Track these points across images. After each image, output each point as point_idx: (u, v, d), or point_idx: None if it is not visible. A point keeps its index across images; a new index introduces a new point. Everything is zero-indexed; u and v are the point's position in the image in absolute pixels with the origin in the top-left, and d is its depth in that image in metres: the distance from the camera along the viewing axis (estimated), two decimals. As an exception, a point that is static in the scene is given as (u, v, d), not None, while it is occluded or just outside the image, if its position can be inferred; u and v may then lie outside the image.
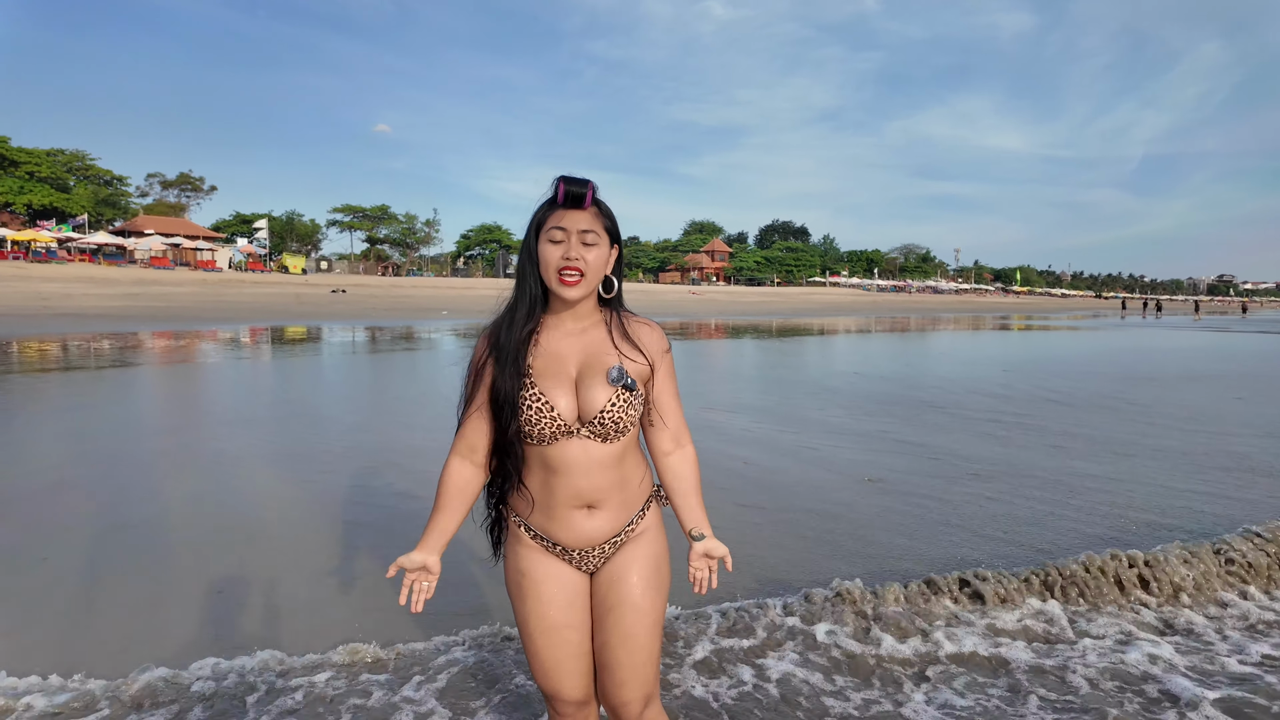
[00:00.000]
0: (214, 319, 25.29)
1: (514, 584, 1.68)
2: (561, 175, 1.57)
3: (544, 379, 1.58)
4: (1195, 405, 9.41)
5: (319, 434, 7.00)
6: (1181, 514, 4.77)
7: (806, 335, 25.77)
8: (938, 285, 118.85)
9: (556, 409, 1.56)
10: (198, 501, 4.76)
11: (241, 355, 14.98)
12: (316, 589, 3.48)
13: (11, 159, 56.12)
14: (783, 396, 10.22)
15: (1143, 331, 32.35)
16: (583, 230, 1.56)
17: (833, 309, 56.22)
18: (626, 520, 1.66)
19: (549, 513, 1.62)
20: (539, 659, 1.64)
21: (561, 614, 1.64)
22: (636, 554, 1.66)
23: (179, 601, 3.32)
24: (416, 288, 51.77)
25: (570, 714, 1.69)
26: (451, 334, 22.20)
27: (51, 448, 6.21)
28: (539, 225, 1.59)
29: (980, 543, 4.23)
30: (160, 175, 78.70)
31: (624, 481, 1.64)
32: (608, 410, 1.57)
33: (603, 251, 1.59)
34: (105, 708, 2.48)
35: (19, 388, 9.65)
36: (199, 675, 2.67)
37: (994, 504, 4.98)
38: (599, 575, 1.68)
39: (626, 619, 1.62)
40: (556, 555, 1.66)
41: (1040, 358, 17.48)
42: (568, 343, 1.63)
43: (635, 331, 1.67)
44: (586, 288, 1.58)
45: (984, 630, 3.09)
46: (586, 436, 1.59)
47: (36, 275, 35.15)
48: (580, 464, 1.58)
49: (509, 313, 1.64)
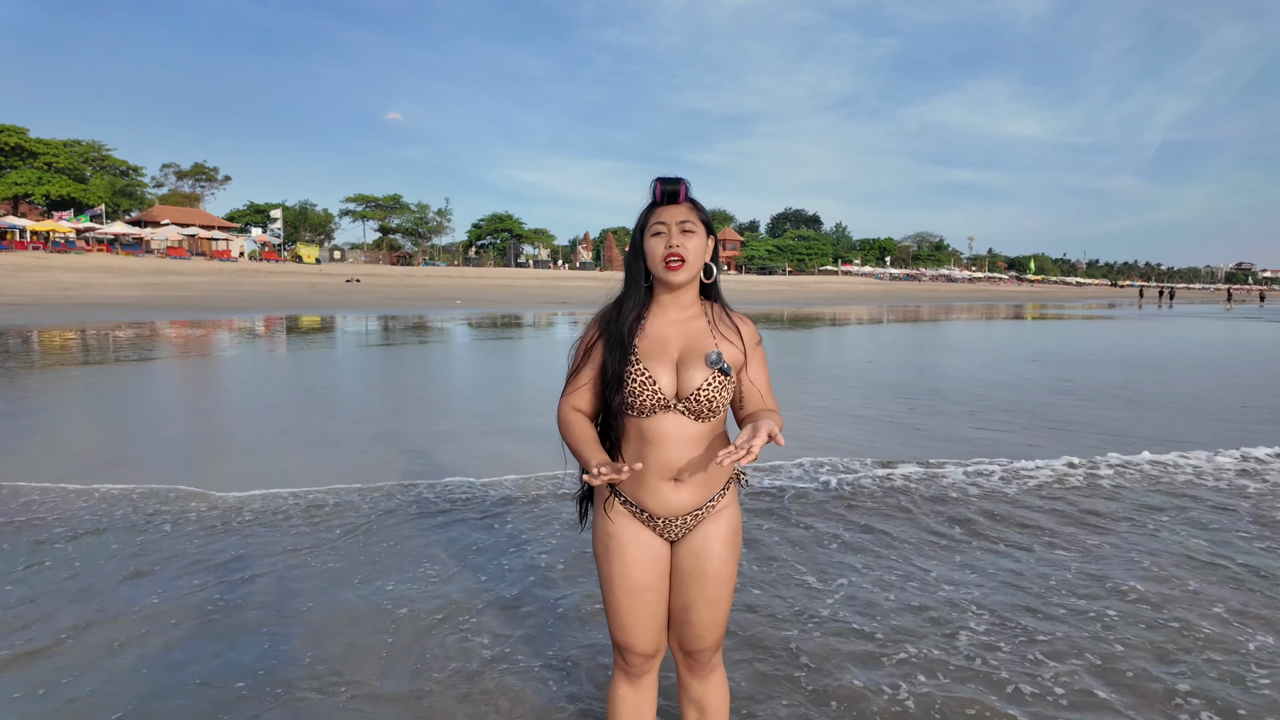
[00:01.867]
0: (233, 308, 25.66)
1: (602, 545, 1.85)
2: (657, 177, 1.77)
3: (648, 357, 1.76)
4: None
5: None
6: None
7: (816, 325, 25.86)
8: (951, 274, 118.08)
9: (659, 383, 1.73)
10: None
11: (291, 345, 15.28)
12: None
13: (30, 150, 56.77)
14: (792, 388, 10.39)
15: (1177, 323, 32.08)
16: (680, 221, 1.75)
17: (844, 298, 56.15)
18: (709, 496, 1.81)
19: (641, 482, 1.79)
20: (619, 615, 1.84)
21: (644, 576, 1.82)
22: (718, 528, 1.83)
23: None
24: (429, 277, 52.10)
25: (638, 664, 1.89)
26: (466, 323, 22.45)
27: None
28: (643, 225, 1.79)
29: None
30: (175, 165, 79.34)
31: (710, 459, 1.79)
32: (703, 389, 1.73)
33: (700, 240, 1.77)
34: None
35: (98, 377, 9.96)
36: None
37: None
38: (681, 544, 1.85)
39: (710, 587, 1.83)
40: (643, 522, 1.82)
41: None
42: (671, 329, 1.80)
43: (732, 323, 1.85)
44: (689, 272, 1.76)
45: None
46: (681, 412, 1.75)
47: (57, 265, 35.66)
48: (673, 437, 1.75)
49: (618, 303, 1.82)
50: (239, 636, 2.95)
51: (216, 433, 6.76)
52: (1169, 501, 4.90)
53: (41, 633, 2.95)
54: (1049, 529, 4.34)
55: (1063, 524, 4.43)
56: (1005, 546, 4.05)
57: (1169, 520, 4.52)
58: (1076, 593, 3.45)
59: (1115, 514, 4.62)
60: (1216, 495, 5.06)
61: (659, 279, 1.79)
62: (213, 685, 2.61)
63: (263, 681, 2.63)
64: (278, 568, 3.63)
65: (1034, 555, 3.93)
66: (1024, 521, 4.47)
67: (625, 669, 1.92)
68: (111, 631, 2.97)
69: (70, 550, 3.81)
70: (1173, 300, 66.60)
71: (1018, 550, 4.00)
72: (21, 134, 56.57)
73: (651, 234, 1.76)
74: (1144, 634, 3.06)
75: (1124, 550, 4.00)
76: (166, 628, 3.01)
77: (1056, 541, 4.14)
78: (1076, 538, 4.19)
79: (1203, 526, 4.41)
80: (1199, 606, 3.32)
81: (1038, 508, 4.75)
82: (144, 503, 4.59)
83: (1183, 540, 4.16)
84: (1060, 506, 4.78)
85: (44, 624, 3.02)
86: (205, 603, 3.23)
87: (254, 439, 6.44)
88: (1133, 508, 4.75)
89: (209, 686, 2.60)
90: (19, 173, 55.80)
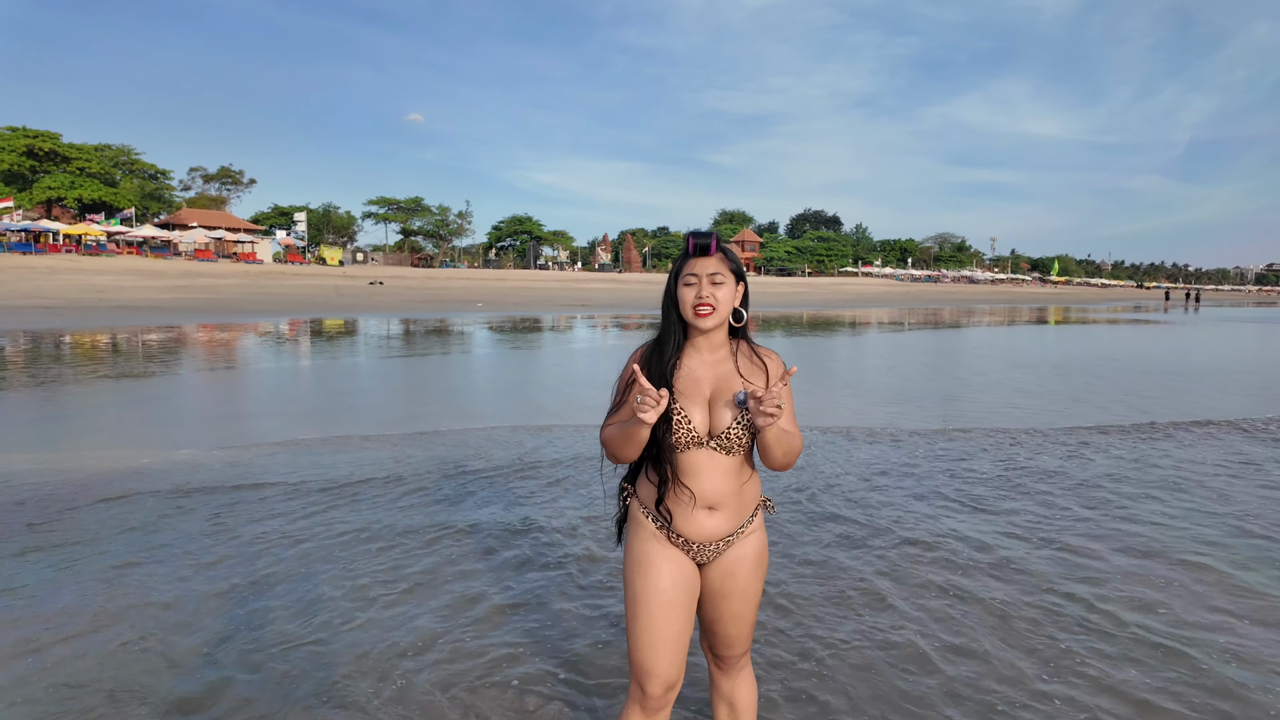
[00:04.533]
0: (261, 311, 26.11)
1: (634, 563, 1.96)
2: (690, 231, 1.90)
3: (683, 397, 1.90)
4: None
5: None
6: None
7: (836, 328, 25.85)
8: (973, 275, 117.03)
9: (693, 422, 1.88)
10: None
11: (338, 349, 15.61)
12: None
13: (63, 155, 58.07)
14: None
15: (1219, 330, 31.57)
16: (711, 273, 1.88)
17: (864, 300, 55.84)
18: (739, 523, 1.97)
19: (678, 510, 1.93)
20: (646, 634, 1.90)
21: (675, 593, 1.93)
22: (746, 551, 1.99)
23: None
24: (451, 279, 52.56)
25: (658, 695, 1.90)
26: (488, 327, 22.71)
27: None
28: (677, 273, 1.92)
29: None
30: (202, 169, 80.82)
31: (740, 489, 1.95)
32: (732, 428, 1.88)
33: (729, 288, 1.91)
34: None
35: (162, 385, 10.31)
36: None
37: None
38: (712, 566, 1.99)
39: (736, 604, 2.00)
40: (678, 546, 1.96)
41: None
42: (704, 370, 1.94)
43: (759, 360, 1.98)
44: (718, 319, 1.90)
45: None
46: (713, 448, 1.90)
47: (89, 268, 36.49)
48: (707, 470, 1.90)
49: (657, 344, 1.96)
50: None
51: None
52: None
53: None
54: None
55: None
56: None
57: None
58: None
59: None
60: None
61: (690, 324, 1.92)
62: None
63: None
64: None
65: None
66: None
67: (641, 702, 1.93)
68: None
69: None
70: (1199, 303, 65.57)
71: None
72: (55, 139, 57.88)
73: (684, 283, 1.90)
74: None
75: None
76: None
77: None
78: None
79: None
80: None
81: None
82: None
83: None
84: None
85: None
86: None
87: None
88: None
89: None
90: (52, 177, 57.15)
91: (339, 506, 4.83)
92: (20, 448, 6.36)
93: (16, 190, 55.92)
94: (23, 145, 56.06)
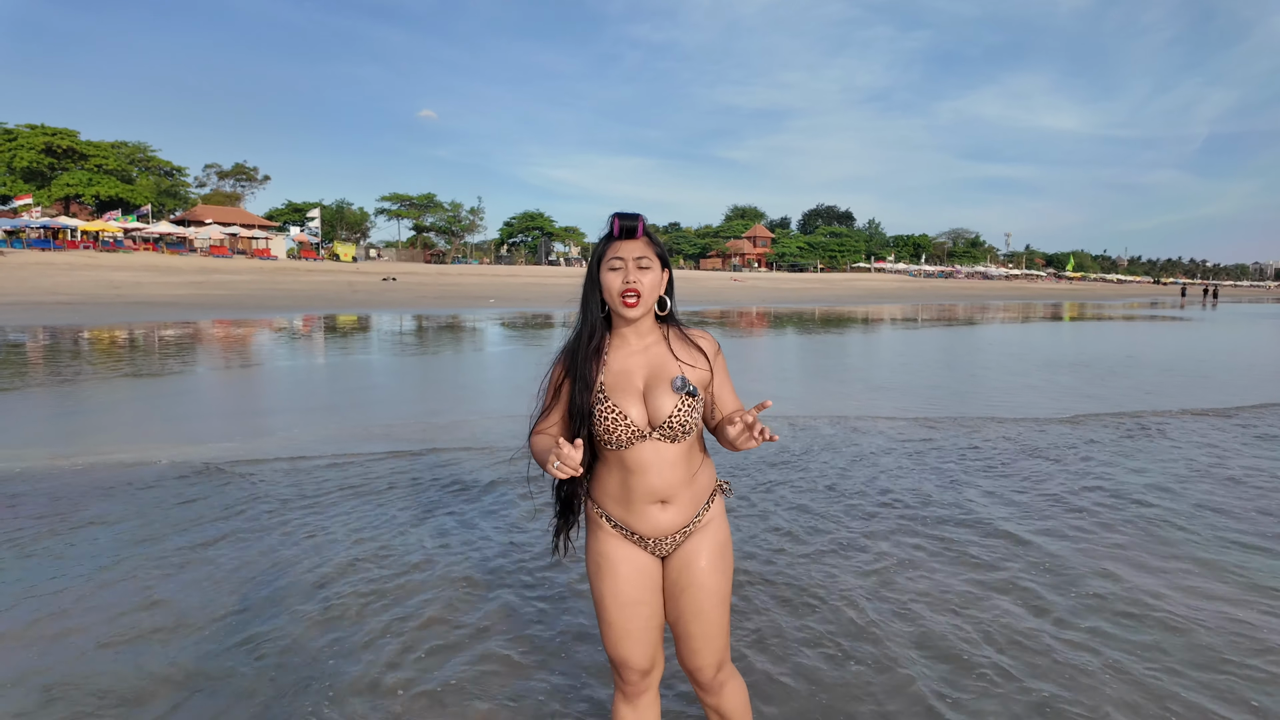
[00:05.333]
0: (277, 307, 26.30)
1: (594, 565, 1.89)
2: (615, 212, 1.80)
3: (615, 393, 1.80)
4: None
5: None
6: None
7: (849, 324, 25.76)
8: (987, 271, 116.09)
9: (629, 417, 1.78)
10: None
11: (366, 346, 15.73)
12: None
13: (81, 152, 58.63)
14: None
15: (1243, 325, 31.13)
16: (637, 257, 1.79)
17: (877, 296, 55.56)
18: (694, 513, 1.87)
19: (628, 507, 1.84)
20: (614, 630, 1.87)
21: (636, 591, 1.86)
22: (704, 542, 1.88)
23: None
24: (463, 275, 52.71)
25: (635, 682, 1.91)
26: (499, 322, 22.79)
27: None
28: (599, 257, 1.82)
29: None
30: (217, 166, 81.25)
31: (692, 477, 1.85)
32: (674, 415, 1.78)
33: (656, 274, 1.81)
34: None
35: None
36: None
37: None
38: (671, 560, 1.90)
39: (697, 598, 1.86)
40: (633, 542, 1.87)
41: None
42: (633, 360, 1.85)
43: (691, 342, 1.89)
44: (644, 307, 1.81)
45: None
46: (658, 439, 1.80)
47: (107, 264, 36.85)
48: (654, 464, 1.80)
49: (576, 337, 1.87)
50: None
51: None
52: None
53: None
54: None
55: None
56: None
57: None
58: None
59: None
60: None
61: (615, 312, 1.83)
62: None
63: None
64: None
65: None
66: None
67: (623, 688, 1.94)
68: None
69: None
70: (1216, 299, 64.81)
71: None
72: (73, 137, 58.42)
73: (609, 268, 1.80)
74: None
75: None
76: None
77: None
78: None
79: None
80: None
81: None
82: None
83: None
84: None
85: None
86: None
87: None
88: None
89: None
90: (70, 174, 57.70)
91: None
92: (66, 442, 6.49)
93: (35, 187, 56.57)
94: (41, 143, 56.66)
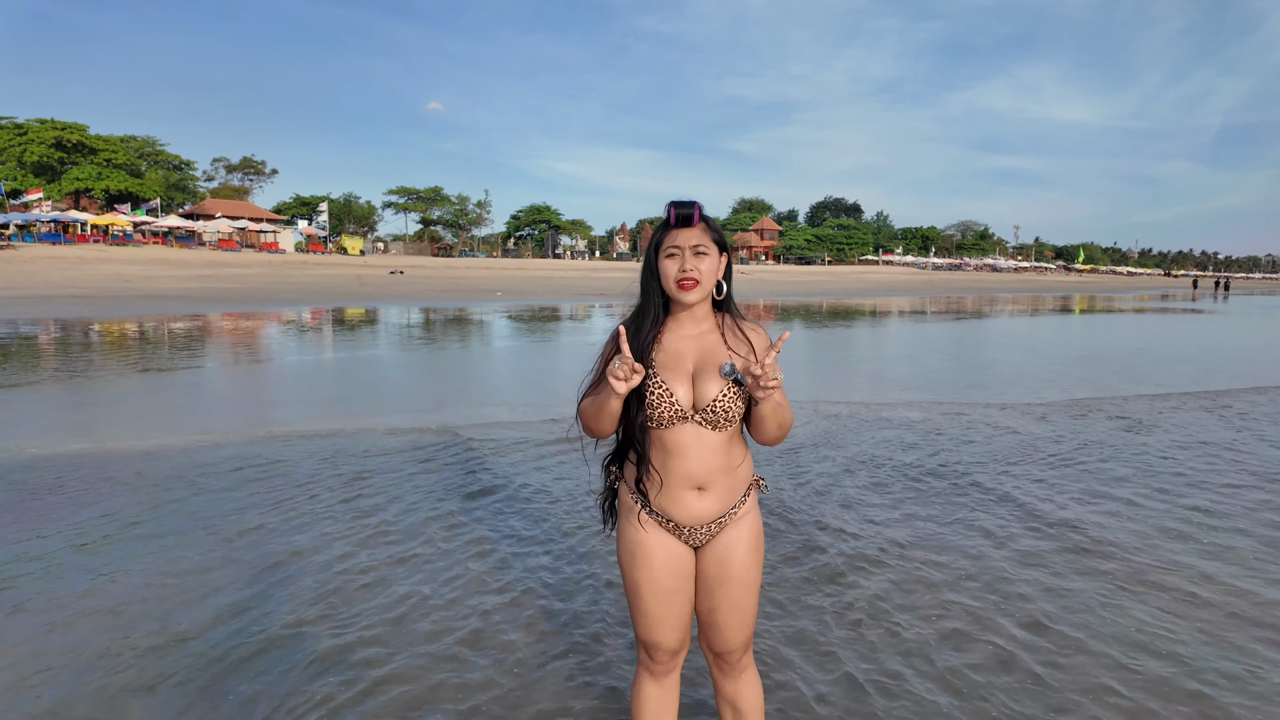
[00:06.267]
0: (285, 300, 26.42)
1: (628, 552, 1.92)
2: (672, 201, 1.82)
3: (665, 370, 1.82)
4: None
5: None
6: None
7: (856, 317, 25.69)
8: (996, 263, 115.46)
9: (675, 395, 1.80)
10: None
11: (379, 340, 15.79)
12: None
13: (91, 146, 58.93)
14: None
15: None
16: (694, 245, 1.80)
17: (884, 288, 55.34)
18: (731, 504, 1.88)
19: (665, 492, 1.85)
20: (648, 616, 1.91)
21: (671, 580, 1.89)
22: (740, 534, 1.90)
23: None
24: (470, 268, 52.80)
25: (664, 661, 1.97)
26: (508, 315, 22.82)
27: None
28: (657, 245, 1.84)
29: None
30: (225, 159, 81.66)
31: (730, 467, 1.86)
32: (719, 400, 1.79)
33: (713, 260, 1.83)
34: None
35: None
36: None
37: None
38: (706, 550, 1.91)
39: (734, 591, 1.90)
40: (668, 530, 1.89)
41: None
42: (686, 344, 1.86)
43: (744, 333, 1.90)
44: (702, 292, 1.83)
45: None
46: (699, 423, 1.81)
47: (116, 258, 37.09)
48: (693, 448, 1.81)
49: (636, 318, 1.89)
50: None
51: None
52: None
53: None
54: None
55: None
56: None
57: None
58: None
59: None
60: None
61: (673, 298, 1.85)
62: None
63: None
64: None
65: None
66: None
67: (650, 667, 1.98)
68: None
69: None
70: (1228, 291, 64.33)
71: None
72: (82, 131, 58.70)
73: (666, 255, 1.82)
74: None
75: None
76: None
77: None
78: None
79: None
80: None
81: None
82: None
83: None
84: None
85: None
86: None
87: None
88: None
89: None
90: (80, 168, 57.99)
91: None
92: (98, 430, 6.55)
93: (46, 181, 56.89)
94: (51, 137, 56.96)
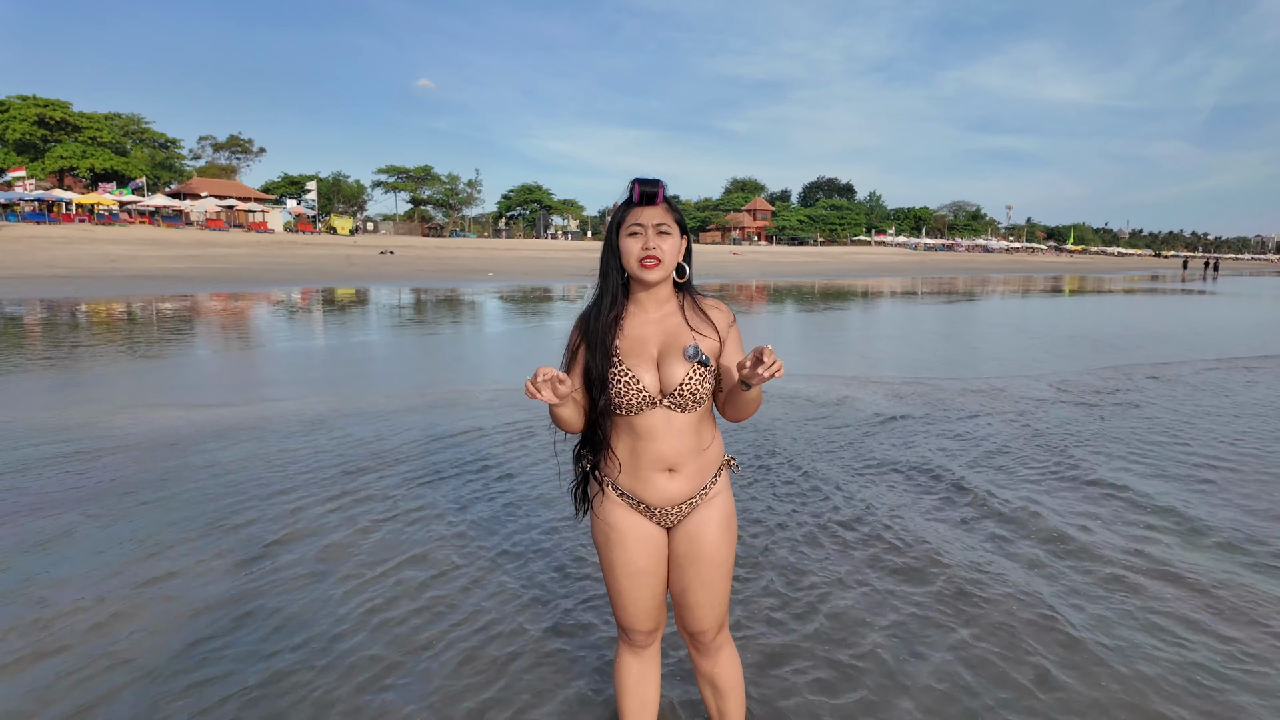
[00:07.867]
0: (274, 280, 26.18)
1: (602, 535, 1.94)
2: (635, 178, 1.79)
3: (629, 358, 1.82)
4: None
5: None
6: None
7: (848, 298, 25.70)
8: (988, 244, 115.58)
9: (642, 382, 1.80)
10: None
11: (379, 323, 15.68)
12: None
13: (74, 124, 57.92)
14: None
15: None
16: (657, 224, 1.78)
17: (876, 269, 55.29)
18: (701, 484, 1.89)
19: (635, 475, 1.86)
20: (623, 598, 1.95)
21: (644, 561, 1.91)
22: (711, 514, 1.91)
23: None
24: (461, 249, 52.51)
25: (641, 641, 2.03)
26: (499, 296, 22.74)
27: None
28: (619, 223, 1.81)
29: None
30: (211, 138, 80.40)
31: (700, 448, 1.87)
32: (685, 383, 1.80)
33: (675, 241, 1.81)
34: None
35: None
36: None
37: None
38: (677, 531, 1.92)
39: (704, 570, 1.91)
40: (640, 512, 1.91)
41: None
42: (649, 328, 1.86)
43: (705, 312, 1.89)
44: (664, 271, 1.80)
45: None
46: (668, 407, 1.82)
47: (102, 238, 36.62)
48: (662, 431, 1.83)
49: (596, 302, 1.88)
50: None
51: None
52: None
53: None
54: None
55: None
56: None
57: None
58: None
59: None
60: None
61: (634, 277, 1.83)
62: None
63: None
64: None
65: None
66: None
67: (629, 642, 2.05)
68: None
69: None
70: (1217, 272, 64.67)
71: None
72: (65, 108, 57.61)
73: (628, 234, 1.80)
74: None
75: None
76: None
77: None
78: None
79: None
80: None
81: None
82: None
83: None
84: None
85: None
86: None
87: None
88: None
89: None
90: (64, 146, 57.10)
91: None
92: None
93: (29, 160, 55.98)
94: (33, 114, 55.92)
